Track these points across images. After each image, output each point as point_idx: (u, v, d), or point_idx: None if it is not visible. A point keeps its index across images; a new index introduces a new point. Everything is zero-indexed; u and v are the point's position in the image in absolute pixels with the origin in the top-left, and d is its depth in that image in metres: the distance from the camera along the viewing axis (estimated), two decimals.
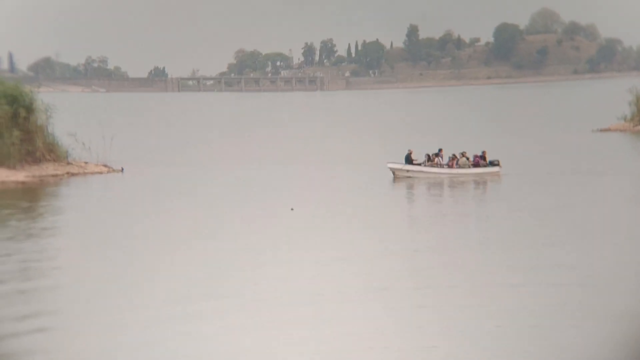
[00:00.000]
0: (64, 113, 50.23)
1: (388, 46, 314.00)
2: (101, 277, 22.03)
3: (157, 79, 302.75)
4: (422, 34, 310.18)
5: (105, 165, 50.48)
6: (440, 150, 46.59)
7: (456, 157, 45.86)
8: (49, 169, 46.11)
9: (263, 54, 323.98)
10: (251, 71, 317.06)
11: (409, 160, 45.75)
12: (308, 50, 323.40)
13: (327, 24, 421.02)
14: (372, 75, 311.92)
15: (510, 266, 23.10)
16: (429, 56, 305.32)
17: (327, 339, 16.69)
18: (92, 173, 48.46)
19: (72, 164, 48.34)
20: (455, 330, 16.99)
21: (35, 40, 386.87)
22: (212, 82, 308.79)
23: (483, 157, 45.84)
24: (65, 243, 27.36)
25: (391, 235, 28.23)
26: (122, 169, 50.52)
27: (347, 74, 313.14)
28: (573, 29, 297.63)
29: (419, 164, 45.53)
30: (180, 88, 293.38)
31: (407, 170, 45.04)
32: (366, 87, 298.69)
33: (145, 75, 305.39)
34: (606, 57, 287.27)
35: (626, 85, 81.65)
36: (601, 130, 79.63)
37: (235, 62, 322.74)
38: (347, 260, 23.90)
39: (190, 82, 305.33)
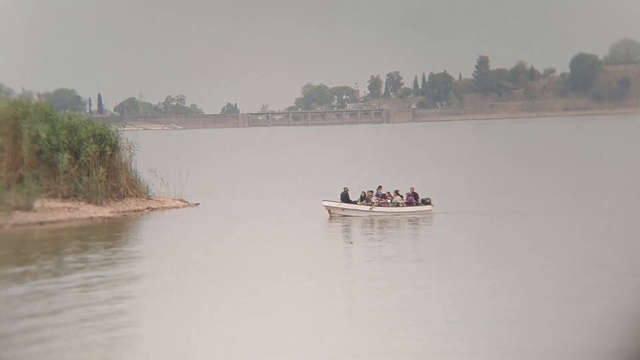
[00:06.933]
0: (145, 150, 52.53)
1: (456, 77, 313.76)
2: (175, 321, 23.12)
3: (229, 114, 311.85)
4: (493, 65, 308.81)
5: (181, 200, 52.73)
6: (379, 187, 45.37)
7: (390, 195, 44.87)
8: (131, 204, 48.33)
9: (329, 87, 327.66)
10: (318, 105, 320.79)
11: (345, 198, 44.70)
12: (374, 83, 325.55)
13: (393, 56, 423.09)
14: (440, 106, 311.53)
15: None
16: (500, 87, 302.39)
17: None
18: (170, 208, 50.73)
19: (151, 199, 50.57)
20: None
21: (121, 82, 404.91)
22: (280, 116, 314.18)
23: (415, 195, 44.86)
24: (142, 285, 28.53)
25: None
26: (198, 204, 52.84)
27: (414, 105, 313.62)
28: None
29: (355, 202, 44.50)
30: (251, 123, 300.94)
31: (343, 209, 44.08)
32: (433, 119, 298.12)
33: (218, 111, 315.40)
34: None
35: None
36: None
37: (302, 96, 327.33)
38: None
39: (260, 117, 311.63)
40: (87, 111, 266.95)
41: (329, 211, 44.61)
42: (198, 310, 24.00)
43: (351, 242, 36.62)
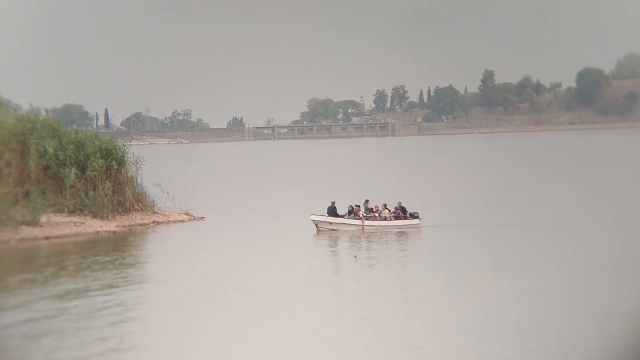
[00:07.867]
0: (151, 164, 52.95)
1: (462, 91, 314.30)
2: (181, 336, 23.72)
3: (235, 128, 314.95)
4: (499, 79, 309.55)
5: (187, 214, 53.12)
6: (366, 201, 45.31)
7: (377, 209, 44.80)
8: (137, 218, 48.73)
9: (335, 101, 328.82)
10: (323, 118, 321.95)
11: (333, 212, 44.60)
12: (379, 97, 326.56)
13: (398, 70, 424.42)
14: (446, 120, 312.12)
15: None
16: (505, 101, 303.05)
17: None
18: (175, 221, 51.14)
19: (157, 212, 50.95)
20: None
21: (128, 97, 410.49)
22: (286, 130, 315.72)
23: (403, 209, 44.92)
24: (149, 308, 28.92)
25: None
26: (203, 218, 53.24)
27: (419, 119, 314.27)
28: None
29: (342, 216, 44.42)
30: (256, 137, 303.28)
31: (330, 223, 43.96)
32: (439, 132, 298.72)
33: (224, 125, 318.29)
34: None
35: None
36: None
37: (308, 110, 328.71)
38: None
39: (266, 131, 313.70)
40: (94, 126, 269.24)
41: (317, 225, 44.65)
42: (202, 331, 24.19)
43: (355, 256, 36.82)
